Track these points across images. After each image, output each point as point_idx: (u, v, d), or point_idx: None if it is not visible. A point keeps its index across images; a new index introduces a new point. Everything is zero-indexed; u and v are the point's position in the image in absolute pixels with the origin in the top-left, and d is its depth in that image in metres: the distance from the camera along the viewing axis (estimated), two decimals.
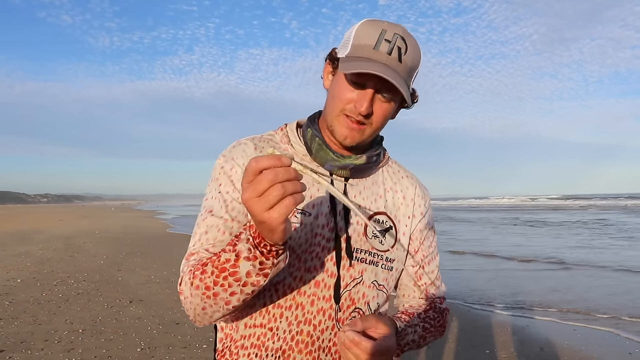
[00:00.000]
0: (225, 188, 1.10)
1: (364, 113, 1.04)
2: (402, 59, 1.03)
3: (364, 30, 1.05)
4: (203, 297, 0.98)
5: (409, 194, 1.23)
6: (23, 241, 15.35)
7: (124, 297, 6.90)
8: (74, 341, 4.82)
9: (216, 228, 1.08)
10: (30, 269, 9.42)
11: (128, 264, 10.34)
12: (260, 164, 0.79)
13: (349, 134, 1.07)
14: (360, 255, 1.12)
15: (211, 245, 1.07)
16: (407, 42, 1.04)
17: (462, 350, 4.73)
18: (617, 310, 6.20)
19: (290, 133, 1.17)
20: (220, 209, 1.09)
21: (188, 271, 1.02)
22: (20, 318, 5.69)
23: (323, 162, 1.11)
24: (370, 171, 1.19)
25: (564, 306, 6.51)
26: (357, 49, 1.05)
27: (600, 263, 10.09)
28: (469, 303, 6.73)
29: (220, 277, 0.93)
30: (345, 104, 1.06)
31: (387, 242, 1.16)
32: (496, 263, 10.56)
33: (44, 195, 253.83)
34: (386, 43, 1.02)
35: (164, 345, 4.75)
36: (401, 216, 1.21)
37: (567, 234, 16.77)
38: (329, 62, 1.13)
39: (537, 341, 5.02)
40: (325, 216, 1.10)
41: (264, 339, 1.09)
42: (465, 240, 15.15)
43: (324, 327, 1.09)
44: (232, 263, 0.91)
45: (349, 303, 1.11)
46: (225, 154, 1.14)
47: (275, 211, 0.80)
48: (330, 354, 1.11)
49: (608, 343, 5.02)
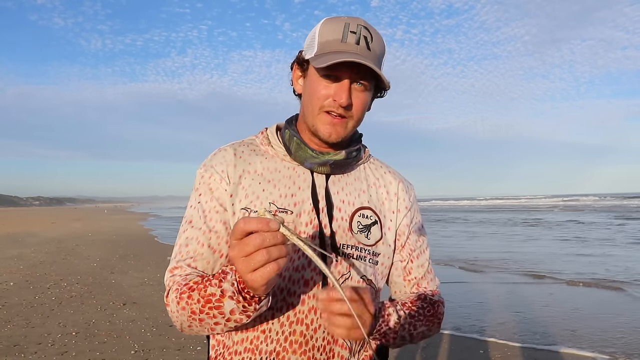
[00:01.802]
0: (204, 198, 1.13)
1: (345, 104, 1.06)
2: (371, 47, 1.06)
3: (327, 28, 1.07)
4: (189, 319, 1.02)
5: (392, 189, 1.24)
6: (15, 244, 15.23)
7: (118, 300, 6.87)
8: (68, 344, 4.81)
9: (195, 240, 1.10)
10: (23, 272, 9.36)
11: (121, 266, 10.29)
12: (249, 226, 0.82)
13: (333, 129, 1.09)
14: (347, 250, 1.12)
15: (191, 259, 1.09)
16: (371, 31, 1.07)
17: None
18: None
19: (270, 135, 1.20)
20: (199, 220, 1.12)
21: (175, 289, 1.05)
22: (13, 321, 5.65)
23: (302, 160, 1.14)
24: (351, 167, 1.21)
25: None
26: (324, 45, 1.07)
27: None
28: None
29: (206, 307, 0.97)
30: (324, 100, 1.08)
31: (373, 237, 1.17)
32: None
33: (36, 198, 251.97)
34: (352, 34, 1.05)
35: (158, 347, 4.75)
36: (386, 211, 1.22)
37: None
38: (297, 66, 1.15)
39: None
40: (308, 214, 1.11)
41: (257, 342, 1.09)
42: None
43: (317, 326, 1.10)
44: (218, 298, 0.95)
45: None
46: (205, 162, 1.17)
47: (258, 274, 0.84)
48: (325, 352, 1.11)
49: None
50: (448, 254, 11.32)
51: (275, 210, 1.09)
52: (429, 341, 4.88)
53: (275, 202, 1.10)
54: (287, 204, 1.11)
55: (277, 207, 1.10)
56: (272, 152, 1.17)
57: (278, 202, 1.11)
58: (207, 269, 1.10)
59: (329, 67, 1.03)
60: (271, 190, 1.12)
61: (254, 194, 1.11)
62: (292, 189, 1.13)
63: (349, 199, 1.17)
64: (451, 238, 15.92)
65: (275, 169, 1.15)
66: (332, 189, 1.16)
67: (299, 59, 1.13)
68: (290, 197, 1.12)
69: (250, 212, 1.08)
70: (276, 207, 1.10)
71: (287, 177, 1.14)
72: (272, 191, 1.12)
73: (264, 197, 1.11)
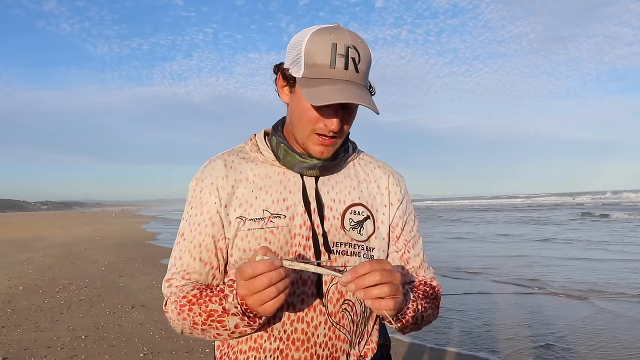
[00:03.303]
0: (195, 211, 1.17)
1: (337, 130, 1.08)
2: (359, 68, 1.06)
3: (313, 47, 1.05)
4: (191, 328, 1.09)
5: (382, 183, 1.26)
6: (24, 248, 15.35)
7: (126, 303, 6.90)
8: (77, 348, 4.83)
9: (188, 254, 1.15)
10: (32, 276, 9.43)
11: (129, 269, 10.34)
12: (257, 271, 0.91)
13: (325, 149, 1.12)
14: (341, 248, 1.15)
15: (185, 272, 1.15)
16: (358, 49, 1.06)
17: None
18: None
19: (259, 142, 1.21)
20: (189, 234, 1.16)
21: (173, 300, 1.11)
22: (23, 325, 5.69)
23: (291, 165, 1.16)
24: (339, 166, 1.22)
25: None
26: (312, 69, 1.05)
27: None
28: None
29: (208, 320, 1.04)
30: (314, 124, 1.09)
31: (366, 232, 1.19)
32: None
33: (44, 202, 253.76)
34: (340, 58, 1.04)
35: (167, 350, 4.76)
36: (378, 205, 1.24)
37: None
38: (281, 77, 1.14)
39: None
40: (301, 216, 1.14)
41: (261, 341, 1.13)
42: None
43: (317, 323, 1.13)
44: (220, 314, 1.02)
45: (338, 296, 1.14)
46: (197, 175, 1.19)
47: (269, 305, 0.93)
48: (327, 348, 1.14)
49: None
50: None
51: (269, 217, 1.12)
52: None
53: (268, 208, 1.13)
54: (280, 208, 1.14)
55: (270, 213, 1.13)
56: (262, 158, 1.19)
57: (271, 207, 1.13)
58: (200, 279, 1.15)
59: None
60: (264, 197, 1.14)
61: (247, 202, 1.14)
62: (284, 194, 1.15)
63: (339, 197, 1.19)
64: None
65: (266, 174, 1.17)
66: (322, 189, 1.18)
67: (284, 72, 1.12)
68: (283, 202, 1.14)
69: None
70: (270, 213, 1.13)
71: (278, 182, 1.16)
72: (265, 198, 1.14)
73: (257, 205, 1.13)
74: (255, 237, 1.11)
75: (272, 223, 1.12)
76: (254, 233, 1.11)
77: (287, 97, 1.15)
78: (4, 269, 10.45)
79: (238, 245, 1.12)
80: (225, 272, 1.18)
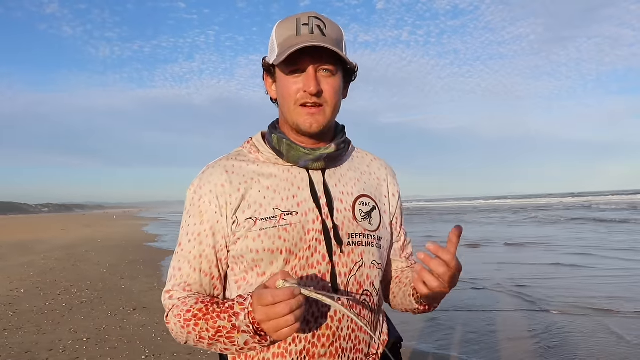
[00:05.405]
0: (194, 220, 1.16)
1: (315, 91, 1.08)
2: (326, 33, 1.10)
3: (281, 28, 1.13)
4: (196, 342, 1.07)
5: (381, 175, 1.31)
6: (25, 251, 15.35)
7: (128, 305, 6.89)
8: (79, 350, 4.82)
9: (187, 265, 1.14)
10: (34, 279, 9.43)
11: (131, 271, 10.33)
12: (277, 299, 0.90)
13: (313, 119, 1.12)
14: (356, 239, 1.16)
15: (186, 283, 1.14)
16: (324, 20, 1.11)
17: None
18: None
19: (257, 143, 1.21)
20: (188, 243, 1.16)
21: (176, 314, 1.09)
22: (25, 328, 5.69)
23: (296, 159, 1.16)
24: (342, 158, 1.24)
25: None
26: (282, 44, 1.11)
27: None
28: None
29: (216, 335, 1.02)
30: (295, 94, 1.11)
31: (375, 222, 1.22)
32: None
33: (45, 205, 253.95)
34: (305, 26, 1.09)
35: (169, 352, 4.75)
36: (380, 196, 1.28)
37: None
38: (266, 75, 1.20)
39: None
40: (313, 211, 1.14)
41: (286, 345, 1.10)
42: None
43: (340, 317, 1.12)
44: (229, 330, 1.00)
45: (357, 287, 1.15)
46: (194, 182, 1.19)
47: (285, 332, 0.92)
48: (350, 340, 1.14)
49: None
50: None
51: (281, 215, 1.11)
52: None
53: (278, 206, 1.13)
54: (291, 205, 1.13)
55: (281, 211, 1.12)
56: (263, 158, 1.19)
57: (281, 205, 1.13)
58: (201, 290, 1.15)
59: (290, 60, 1.07)
60: (272, 196, 1.14)
61: (256, 202, 1.13)
62: (292, 190, 1.15)
63: (347, 189, 1.20)
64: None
65: (270, 174, 1.17)
66: (329, 182, 1.19)
67: (264, 66, 1.18)
68: (292, 199, 1.14)
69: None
70: (281, 211, 1.12)
71: (285, 180, 1.16)
72: (274, 196, 1.14)
73: (267, 204, 1.13)
74: (269, 236, 1.10)
75: (285, 220, 1.11)
76: (267, 232, 1.10)
77: (274, 92, 1.19)
78: (6, 272, 10.45)
79: (250, 246, 1.10)
80: (225, 279, 1.17)
